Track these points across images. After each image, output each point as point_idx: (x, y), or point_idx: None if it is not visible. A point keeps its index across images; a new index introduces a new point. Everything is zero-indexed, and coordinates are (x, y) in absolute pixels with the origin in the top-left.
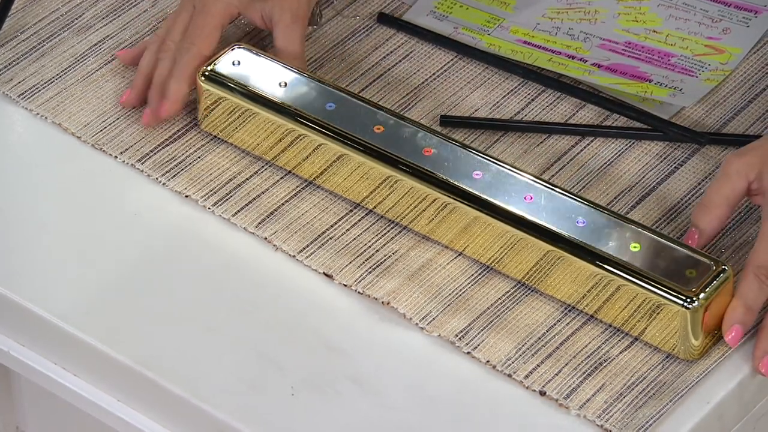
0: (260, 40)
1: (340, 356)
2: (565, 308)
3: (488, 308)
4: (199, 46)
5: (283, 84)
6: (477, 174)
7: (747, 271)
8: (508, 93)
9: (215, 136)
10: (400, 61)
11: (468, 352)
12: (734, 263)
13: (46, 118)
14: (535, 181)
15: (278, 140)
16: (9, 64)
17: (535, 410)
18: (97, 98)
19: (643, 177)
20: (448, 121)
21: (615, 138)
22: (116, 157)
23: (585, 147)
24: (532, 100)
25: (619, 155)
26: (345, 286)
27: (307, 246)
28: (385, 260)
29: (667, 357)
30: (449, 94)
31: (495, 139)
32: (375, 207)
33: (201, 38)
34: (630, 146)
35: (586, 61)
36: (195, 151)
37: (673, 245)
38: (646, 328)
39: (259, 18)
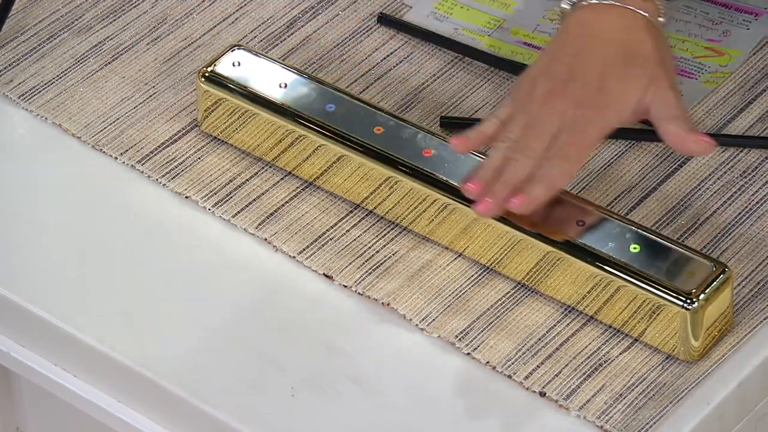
0: (260, 41)
1: (340, 356)
2: (565, 309)
3: (488, 309)
4: (575, 164)
5: (283, 85)
6: None
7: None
8: (508, 94)
9: (215, 137)
10: (400, 62)
11: (468, 353)
12: (734, 263)
13: (46, 119)
14: None
15: (278, 141)
16: (9, 65)
17: (535, 411)
18: (98, 99)
19: (644, 178)
20: (448, 122)
21: (615, 138)
22: (116, 158)
23: None
24: None
25: (620, 156)
26: (345, 287)
27: (307, 247)
28: (385, 261)
29: (667, 358)
30: (449, 95)
31: None
32: (375, 208)
33: (578, 157)
34: (630, 147)
35: None
36: (195, 152)
37: (674, 246)
38: (646, 329)
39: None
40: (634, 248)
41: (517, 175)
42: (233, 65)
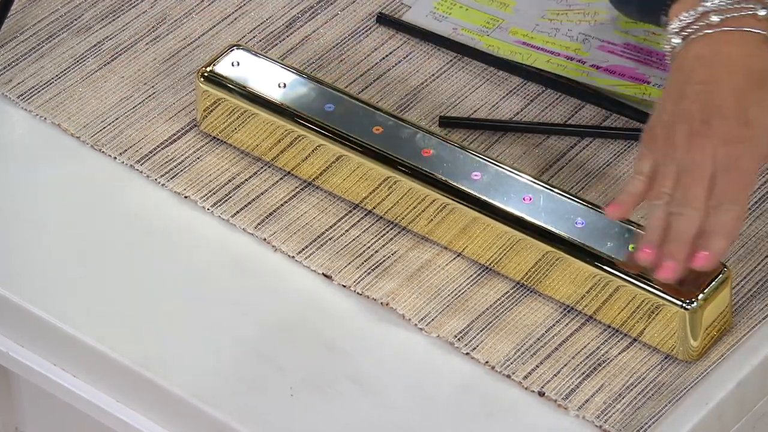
0: (259, 41)
1: (340, 356)
2: (564, 309)
3: (487, 309)
4: (744, 204)
5: (282, 85)
6: (476, 175)
7: None
8: (507, 94)
9: (214, 137)
10: (399, 62)
11: (467, 353)
12: (733, 263)
13: (45, 119)
14: (534, 182)
15: (277, 141)
16: (8, 65)
17: (534, 411)
18: (97, 99)
19: None
20: (447, 122)
21: (614, 139)
22: (116, 158)
23: (584, 148)
24: (531, 100)
25: (619, 156)
26: (344, 286)
27: (307, 247)
28: (384, 261)
29: (666, 358)
30: (448, 94)
31: (494, 140)
32: (374, 208)
33: (744, 196)
34: (629, 147)
35: (585, 62)
36: (194, 152)
37: None
38: (645, 329)
39: None
40: (633, 248)
41: (690, 230)
42: (232, 65)
